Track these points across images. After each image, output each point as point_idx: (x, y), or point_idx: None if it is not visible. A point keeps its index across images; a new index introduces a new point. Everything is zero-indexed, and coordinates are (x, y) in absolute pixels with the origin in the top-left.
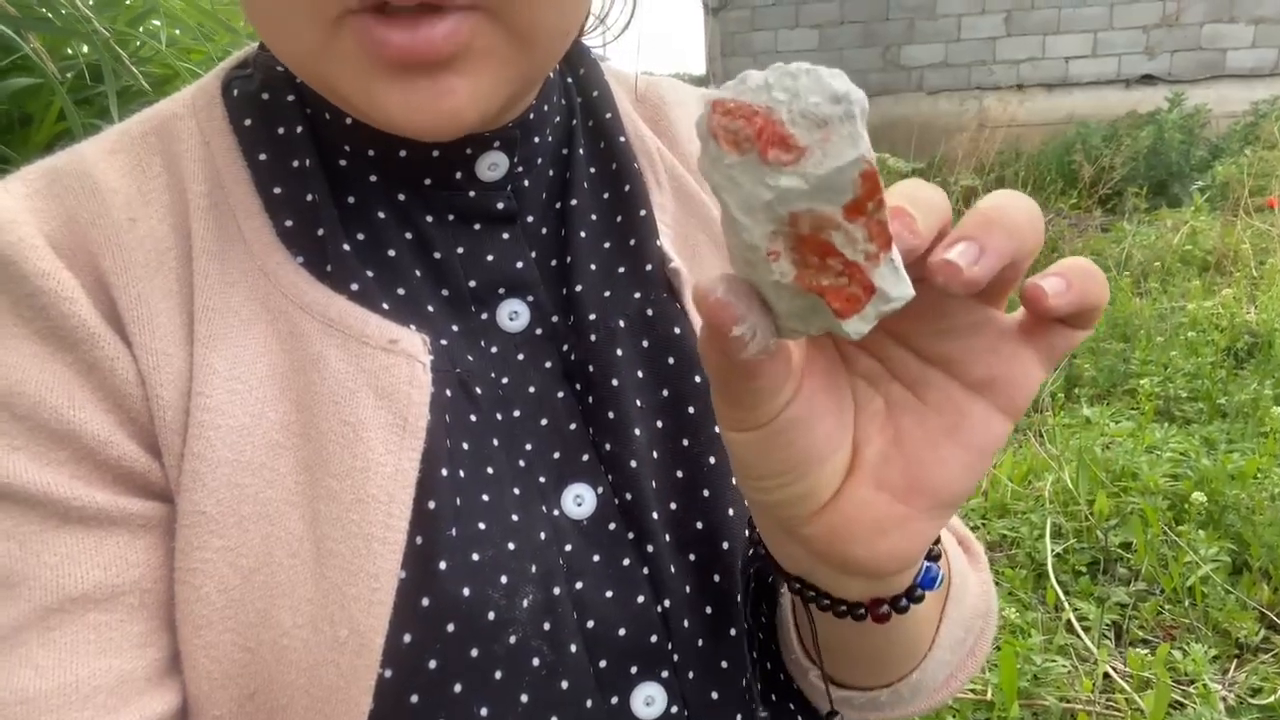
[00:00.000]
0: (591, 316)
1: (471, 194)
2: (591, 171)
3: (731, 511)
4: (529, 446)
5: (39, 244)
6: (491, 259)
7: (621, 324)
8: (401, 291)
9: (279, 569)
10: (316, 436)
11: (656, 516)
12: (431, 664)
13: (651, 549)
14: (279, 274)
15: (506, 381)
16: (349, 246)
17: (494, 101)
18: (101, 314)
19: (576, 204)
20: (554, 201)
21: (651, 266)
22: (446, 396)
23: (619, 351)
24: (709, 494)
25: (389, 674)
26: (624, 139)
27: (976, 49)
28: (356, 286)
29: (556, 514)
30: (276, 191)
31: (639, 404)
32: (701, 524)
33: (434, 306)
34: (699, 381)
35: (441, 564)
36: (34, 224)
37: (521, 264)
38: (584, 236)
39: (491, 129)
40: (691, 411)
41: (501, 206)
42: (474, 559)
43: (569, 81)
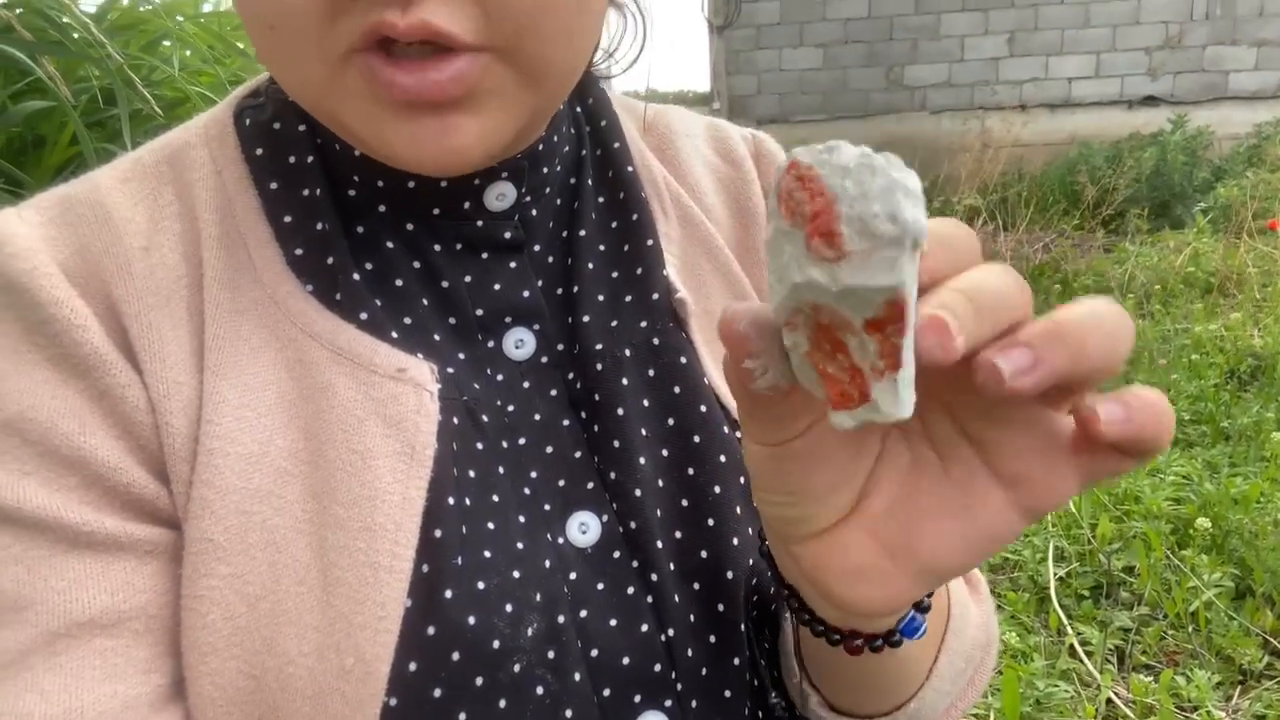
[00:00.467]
0: (598, 346)
1: (480, 223)
2: (599, 201)
3: (736, 541)
4: (534, 474)
5: (52, 272)
6: (499, 287)
7: (628, 353)
8: (409, 320)
9: (285, 596)
10: (324, 464)
11: (661, 545)
12: (436, 692)
13: (655, 577)
14: (289, 302)
15: (512, 409)
16: (358, 276)
17: (501, 139)
18: (113, 342)
19: (584, 234)
20: (561, 230)
21: (658, 296)
22: (454, 424)
23: (624, 380)
24: (713, 523)
25: (394, 702)
26: (631, 168)
27: (979, 69)
28: (365, 315)
29: (561, 542)
30: (287, 220)
31: (644, 432)
32: (706, 553)
33: (441, 335)
34: (704, 411)
35: (447, 592)
36: (48, 252)
37: (528, 293)
38: (591, 267)
39: (500, 160)
40: (697, 440)
41: (509, 236)
42: (479, 587)
43: (578, 111)
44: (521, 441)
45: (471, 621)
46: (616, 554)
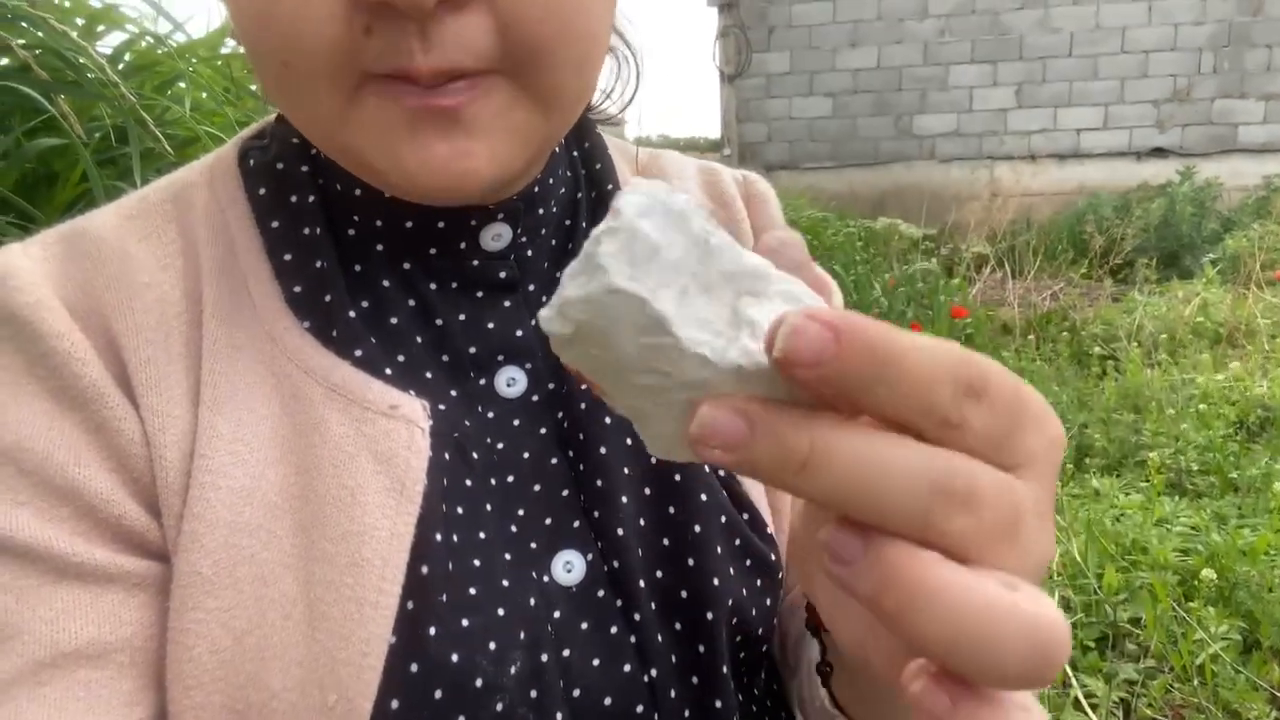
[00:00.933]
0: (583, 385)
1: (475, 263)
2: None
3: (716, 581)
4: (521, 512)
5: (55, 306)
6: (492, 326)
7: None
8: (402, 358)
9: (271, 631)
10: (315, 499)
11: (643, 584)
12: None
13: (639, 617)
14: (285, 339)
15: (502, 447)
16: (354, 313)
17: (513, 164)
18: (112, 375)
19: None
20: (556, 270)
21: None
22: (444, 460)
23: (607, 419)
24: (694, 563)
25: None
26: None
27: (988, 119)
28: (360, 353)
29: (546, 580)
30: (287, 258)
31: (626, 471)
32: (686, 592)
33: (433, 373)
34: None
35: (431, 629)
36: (51, 286)
37: (521, 332)
38: None
39: (496, 201)
40: (677, 479)
41: (504, 275)
42: (464, 625)
43: (575, 155)
44: (510, 479)
45: (455, 659)
46: (600, 593)
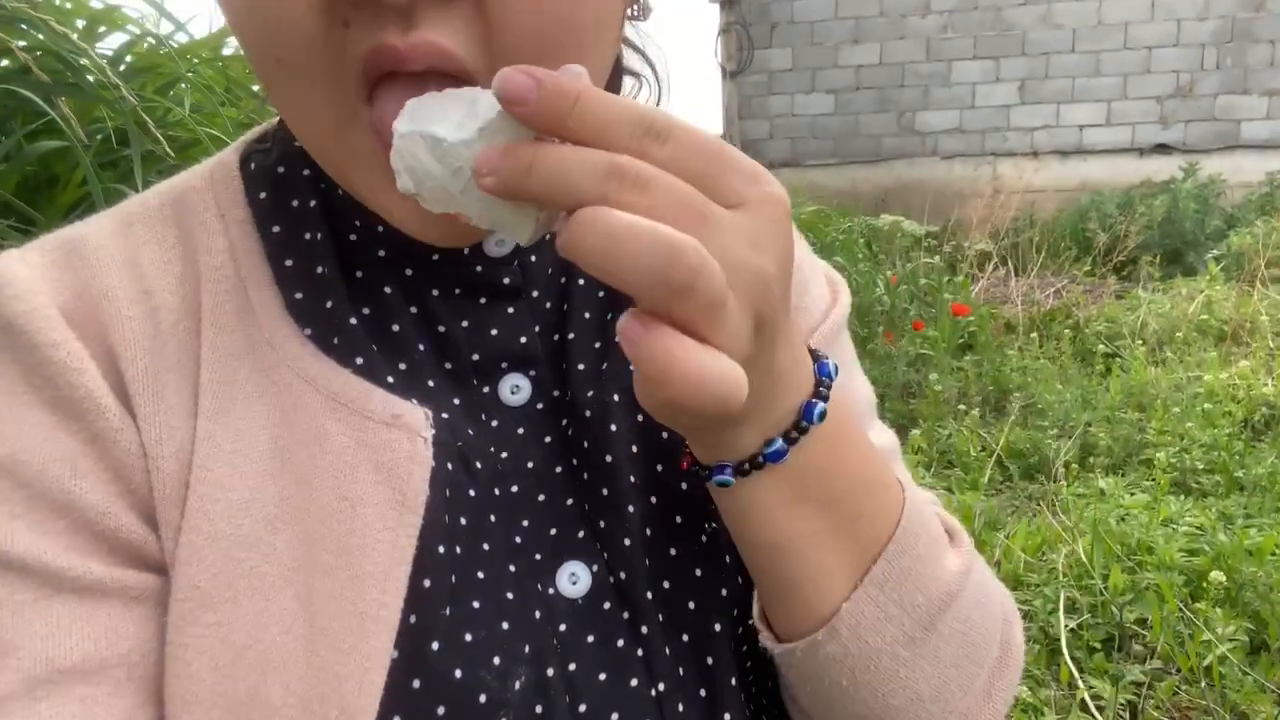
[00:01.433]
0: (589, 392)
1: (479, 268)
2: None
3: (724, 592)
4: (526, 523)
5: (52, 314)
6: (496, 333)
7: (616, 398)
8: (404, 366)
9: (271, 646)
10: (315, 511)
11: (650, 596)
12: None
13: (645, 630)
14: (286, 346)
15: (506, 456)
16: (355, 320)
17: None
18: (109, 385)
19: (583, 281)
20: (560, 277)
21: None
22: (447, 470)
23: (613, 426)
24: (700, 573)
25: None
26: None
27: (990, 116)
28: (361, 361)
29: (551, 592)
30: (288, 264)
31: (632, 479)
32: (693, 604)
33: (436, 380)
34: None
35: (434, 644)
36: (48, 294)
37: (525, 339)
38: (587, 316)
39: None
40: (684, 487)
41: (508, 281)
42: (467, 639)
43: None
44: (514, 489)
45: (458, 675)
46: (606, 605)
